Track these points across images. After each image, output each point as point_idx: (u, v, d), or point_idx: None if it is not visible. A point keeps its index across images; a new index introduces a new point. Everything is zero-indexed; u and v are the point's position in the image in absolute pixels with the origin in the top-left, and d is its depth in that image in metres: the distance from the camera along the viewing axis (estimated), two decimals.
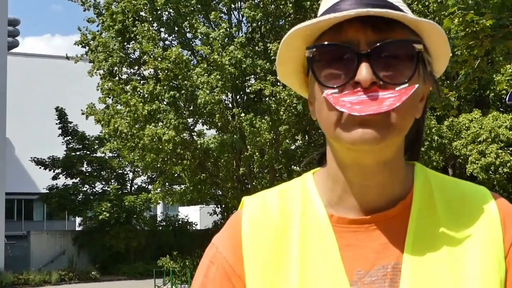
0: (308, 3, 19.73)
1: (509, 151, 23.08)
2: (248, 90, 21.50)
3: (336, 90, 1.16)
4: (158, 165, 22.51)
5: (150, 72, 21.75)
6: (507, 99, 7.85)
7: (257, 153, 20.92)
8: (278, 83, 19.45)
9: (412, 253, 1.20)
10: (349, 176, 1.24)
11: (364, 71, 1.13)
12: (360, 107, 1.12)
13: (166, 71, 19.50)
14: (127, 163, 29.64)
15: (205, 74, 19.52)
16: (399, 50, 1.16)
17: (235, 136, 20.20)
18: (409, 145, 1.34)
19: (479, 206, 1.27)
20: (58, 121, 31.79)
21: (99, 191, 31.77)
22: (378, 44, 1.14)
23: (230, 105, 22.06)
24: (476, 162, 22.81)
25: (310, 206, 1.30)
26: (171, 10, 22.05)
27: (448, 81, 15.71)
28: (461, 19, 8.14)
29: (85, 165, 31.61)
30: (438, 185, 1.30)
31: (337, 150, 1.23)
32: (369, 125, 1.13)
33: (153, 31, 21.13)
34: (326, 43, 1.18)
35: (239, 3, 22.35)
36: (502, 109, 25.65)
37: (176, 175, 23.77)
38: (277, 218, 1.30)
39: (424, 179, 1.30)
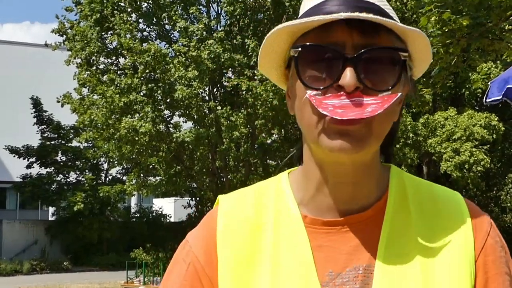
0: None
1: (483, 150, 23.26)
2: (225, 84, 21.48)
3: (320, 92, 1.15)
4: (134, 156, 22.42)
5: (128, 63, 21.61)
6: (484, 99, 7.82)
7: (233, 147, 20.89)
8: (255, 77, 19.42)
9: (385, 256, 1.20)
10: (324, 174, 1.24)
11: (348, 76, 1.12)
12: (342, 111, 1.11)
13: (145, 65, 19.44)
14: (102, 153, 29.50)
15: (182, 69, 19.44)
16: (385, 56, 1.16)
17: (211, 129, 20.18)
18: (382, 145, 1.35)
19: (452, 210, 1.27)
20: (33, 110, 31.56)
21: (73, 181, 31.62)
22: (364, 49, 1.13)
23: (206, 98, 22.00)
24: (451, 160, 22.95)
25: (284, 206, 1.29)
26: (150, 1, 21.92)
27: (424, 79, 15.77)
28: (437, 17, 8.16)
29: (59, 155, 31.45)
30: (413, 188, 1.30)
31: (315, 149, 1.23)
32: (349, 135, 1.13)
33: (131, 23, 20.98)
34: (311, 43, 1.17)
35: None
36: (477, 108, 25.83)
37: (151, 166, 23.68)
38: (251, 217, 1.30)
39: (399, 182, 1.30)
